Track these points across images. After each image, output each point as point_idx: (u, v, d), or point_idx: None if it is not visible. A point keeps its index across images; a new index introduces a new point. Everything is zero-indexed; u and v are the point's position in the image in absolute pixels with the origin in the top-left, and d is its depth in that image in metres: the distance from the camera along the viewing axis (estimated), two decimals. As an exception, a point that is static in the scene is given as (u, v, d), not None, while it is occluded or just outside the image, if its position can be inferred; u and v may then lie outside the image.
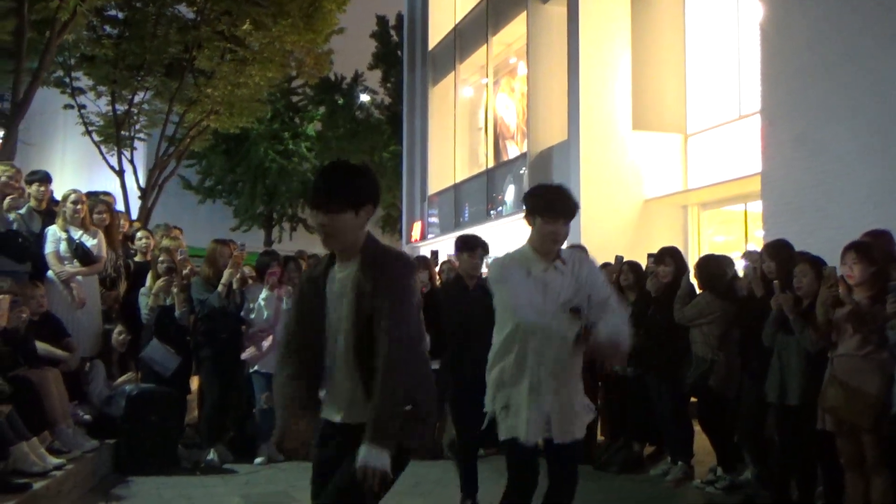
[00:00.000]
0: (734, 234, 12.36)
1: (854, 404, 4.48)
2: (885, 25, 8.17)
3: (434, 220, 20.39)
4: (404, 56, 23.54)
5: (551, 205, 3.61)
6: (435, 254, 10.04)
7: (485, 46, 18.15)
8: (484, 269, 5.27)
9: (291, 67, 18.85)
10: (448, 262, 7.92)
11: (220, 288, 6.72)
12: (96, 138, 17.94)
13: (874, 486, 4.53)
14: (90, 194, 7.48)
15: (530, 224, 3.66)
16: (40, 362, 5.68)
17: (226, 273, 6.77)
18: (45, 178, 7.19)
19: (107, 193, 8.00)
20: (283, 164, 26.51)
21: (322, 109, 28.23)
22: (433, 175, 20.58)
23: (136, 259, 7.73)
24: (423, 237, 20.64)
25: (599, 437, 7.16)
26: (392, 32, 28.60)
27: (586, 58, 13.11)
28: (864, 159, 8.28)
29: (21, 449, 4.93)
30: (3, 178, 6.51)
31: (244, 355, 6.79)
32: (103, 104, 17.66)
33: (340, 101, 28.23)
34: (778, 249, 5.53)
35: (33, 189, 6.97)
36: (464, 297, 5.32)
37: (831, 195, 8.61)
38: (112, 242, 7.17)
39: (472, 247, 5.39)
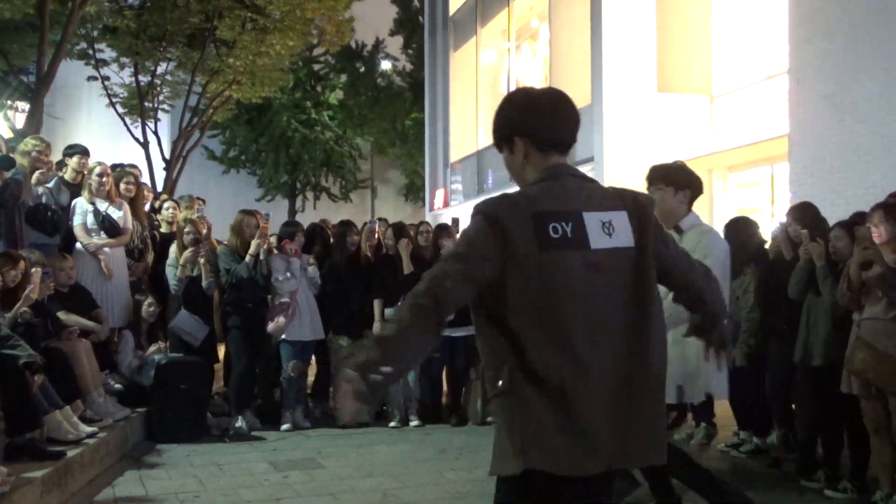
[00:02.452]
0: (761, 197, 12.21)
1: (882, 367, 4.45)
2: (917, -20, 7.97)
3: (457, 186, 20.33)
4: (425, 21, 23.31)
5: None
6: (456, 221, 10.02)
7: (506, 10, 17.92)
8: None
9: (312, 36, 18.76)
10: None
11: (247, 258, 6.78)
12: (120, 110, 18.03)
13: (900, 450, 4.52)
14: (115, 166, 7.56)
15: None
16: (63, 329, 5.77)
17: (253, 244, 6.82)
18: (84, 152, 7.28)
19: (133, 166, 8.08)
20: (305, 134, 26.49)
21: (344, 77, 28.10)
22: (455, 142, 20.47)
23: (163, 230, 7.81)
24: (447, 204, 20.60)
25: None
26: (413, -3, 28.34)
27: (610, 19, 12.91)
28: (893, 118, 8.11)
29: (54, 418, 5.05)
30: (34, 153, 6.58)
31: (269, 328, 6.87)
32: (127, 76, 17.73)
33: (362, 69, 28.08)
34: (804, 211, 5.47)
35: (73, 162, 7.09)
36: None
37: (860, 155, 8.47)
38: (138, 214, 7.24)
39: None
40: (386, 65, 28.30)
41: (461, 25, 20.68)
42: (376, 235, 7.72)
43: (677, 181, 3.89)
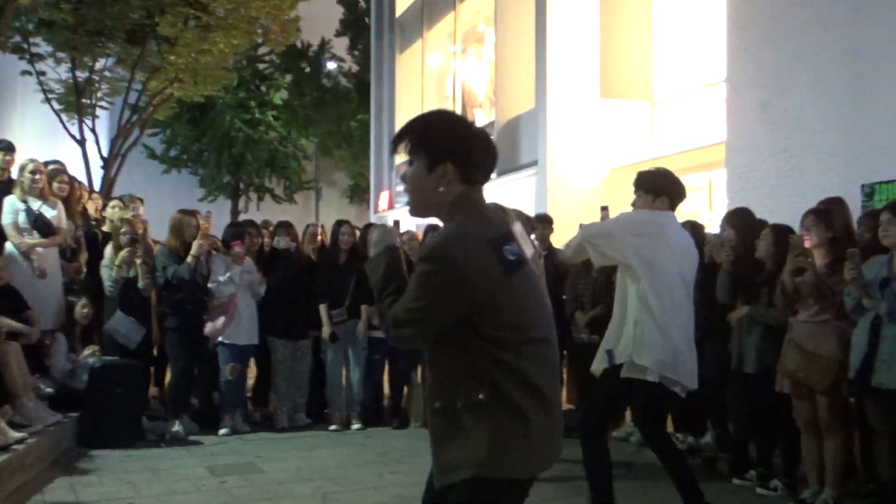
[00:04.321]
0: (700, 202, 12.45)
1: (811, 367, 4.59)
2: (848, -6, 8.23)
3: (402, 188, 20.29)
4: (372, 23, 23.24)
5: None
6: (396, 223, 9.97)
7: (452, 13, 17.98)
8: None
9: (257, 34, 18.50)
10: (409, 232, 7.88)
11: (189, 259, 6.66)
12: (57, 106, 17.55)
13: (827, 448, 4.68)
14: (47, 164, 7.34)
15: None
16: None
17: (195, 244, 6.69)
18: (9, 147, 7.05)
19: (57, 162, 7.64)
20: (249, 134, 26.16)
21: (289, 77, 27.84)
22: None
23: (106, 229, 7.62)
24: (392, 206, 20.57)
25: (567, 405, 7.24)
26: (359, -1, 28.23)
27: (554, 25, 13.05)
28: (827, 127, 8.37)
29: (-19, 423, 4.88)
30: (-39, 150, 6.37)
31: (207, 331, 6.75)
32: (63, 71, 17.26)
33: (307, 69, 27.84)
34: (738, 217, 5.59)
35: None
36: None
37: (793, 163, 8.71)
38: (72, 213, 7.06)
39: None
40: (332, 65, 28.13)
41: (407, 28, 20.68)
42: (318, 238, 7.62)
43: (655, 188, 4.15)
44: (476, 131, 2.29)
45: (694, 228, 6.26)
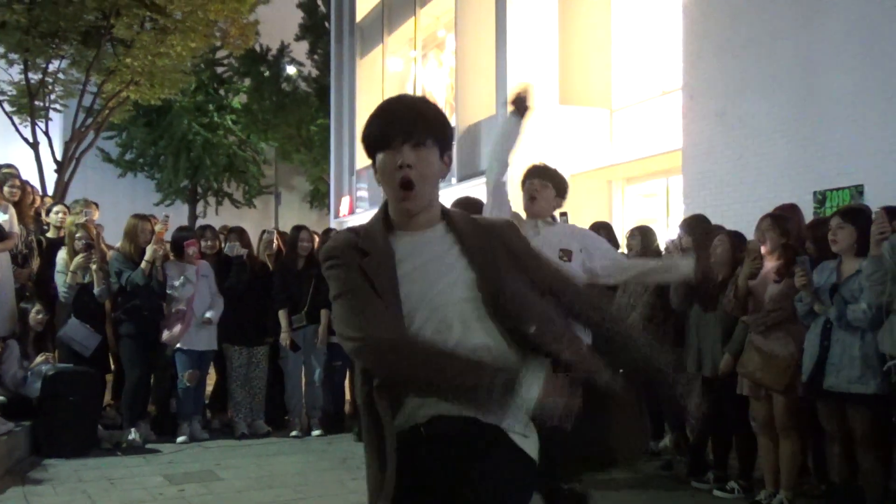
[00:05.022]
0: (657, 208, 12.63)
1: (769, 368, 4.69)
2: (801, 4, 8.41)
3: (363, 193, 20.24)
4: (332, 27, 23.15)
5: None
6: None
7: (413, 19, 17.99)
8: None
9: (215, 38, 18.31)
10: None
11: (143, 265, 6.56)
12: (8, 108, 17.17)
13: (783, 450, 4.78)
14: (-1, 167, 7.19)
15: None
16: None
17: (149, 249, 6.61)
18: None
19: (9, 166, 7.52)
20: (207, 137, 25.88)
21: (248, 81, 27.61)
22: (361, 149, 20.24)
23: (50, 235, 7.46)
24: (352, 211, 20.49)
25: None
26: (319, 3, 28.06)
27: (514, 32, 13.14)
28: (781, 134, 8.54)
29: (-71, 433, 4.76)
30: None
31: (164, 337, 6.66)
32: (16, 73, 16.88)
33: (266, 73, 27.63)
34: (695, 224, 5.69)
35: None
36: None
37: (749, 170, 8.87)
38: (23, 218, 6.92)
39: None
40: (291, 70, 27.95)
41: (368, 33, 20.64)
42: (275, 245, 7.52)
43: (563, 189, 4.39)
44: None
45: (646, 233, 6.39)
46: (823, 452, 5.00)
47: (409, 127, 1.94)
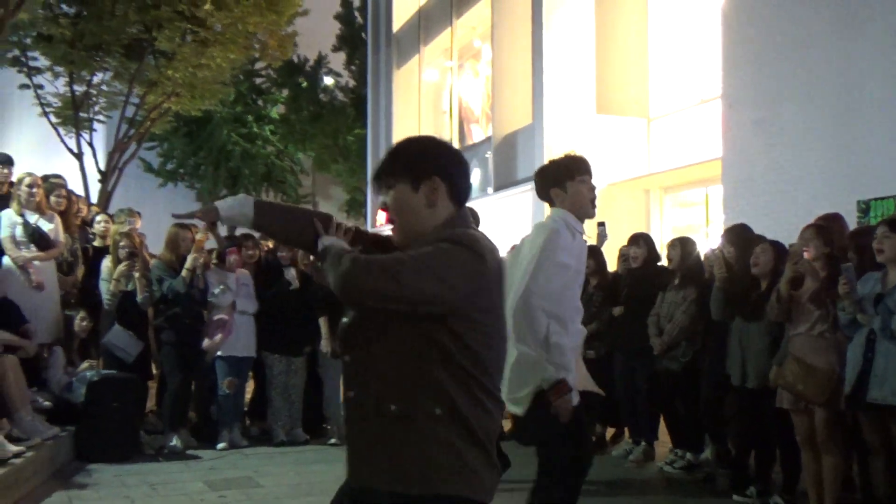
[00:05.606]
0: (696, 218, 12.51)
1: (809, 380, 4.60)
2: (841, 11, 8.30)
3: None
4: (368, 38, 23.36)
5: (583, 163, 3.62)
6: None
7: (449, 29, 18.07)
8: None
9: (254, 49, 18.58)
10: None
11: (184, 273, 6.67)
12: (54, 120, 17.56)
13: (825, 464, 4.68)
14: (45, 178, 7.35)
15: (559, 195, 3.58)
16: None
17: (189, 258, 6.71)
18: (7, 161, 7.06)
19: (57, 176, 7.73)
20: (246, 148, 26.22)
21: (286, 92, 27.93)
22: (399, 158, 20.43)
23: (95, 244, 7.62)
24: (389, 221, 20.56)
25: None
26: (356, 14, 28.33)
27: (550, 41, 13.12)
28: (819, 143, 8.42)
29: (-22, 437, 4.87)
30: (-41, 163, 6.37)
31: (204, 345, 6.75)
32: (61, 85, 17.27)
33: (304, 84, 27.94)
34: (738, 234, 5.63)
35: None
36: None
37: (788, 178, 8.75)
38: (69, 227, 7.06)
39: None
40: (328, 80, 28.22)
41: (404, 43, 20.77)
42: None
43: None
44: (454, 148, 2.26)
45: (685, 243, 6.32)
46: (868, 466, 4.90)
47: (377, 177, 2.24)
